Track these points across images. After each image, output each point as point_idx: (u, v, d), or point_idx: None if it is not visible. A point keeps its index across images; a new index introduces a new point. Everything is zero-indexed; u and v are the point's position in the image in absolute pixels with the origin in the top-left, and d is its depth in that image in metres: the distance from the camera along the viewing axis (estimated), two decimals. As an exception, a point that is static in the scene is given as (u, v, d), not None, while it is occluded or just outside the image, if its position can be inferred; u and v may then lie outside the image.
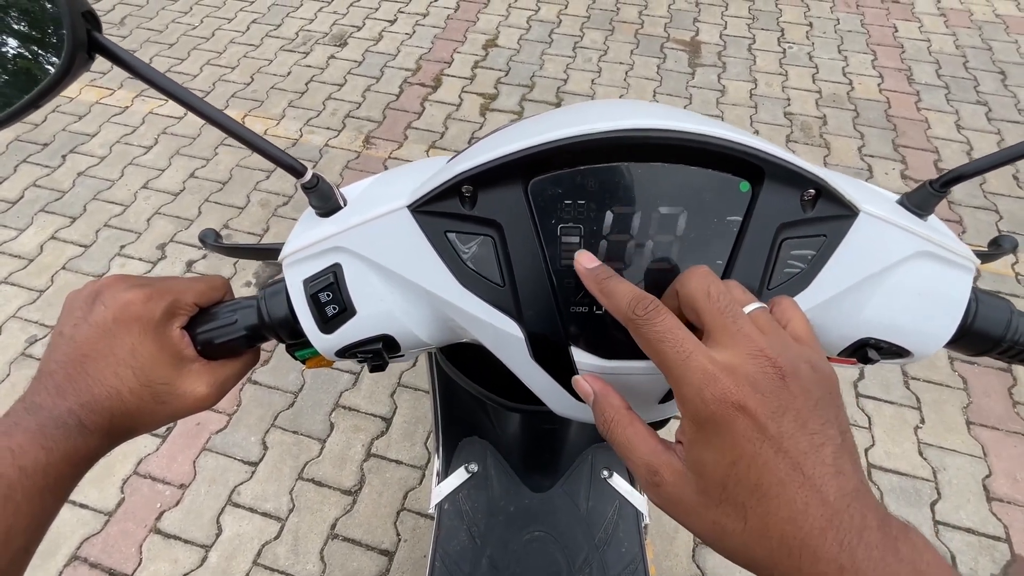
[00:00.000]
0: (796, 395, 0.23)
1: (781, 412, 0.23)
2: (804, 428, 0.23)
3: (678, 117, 0.31)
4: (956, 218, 1.95)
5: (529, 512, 0.59)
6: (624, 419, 0.27)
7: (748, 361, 0.24)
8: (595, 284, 0.29)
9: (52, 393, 0.31)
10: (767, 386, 0.23)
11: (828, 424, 0.23)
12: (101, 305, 0.32)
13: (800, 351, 0.25)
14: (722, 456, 0.23)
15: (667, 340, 0.25)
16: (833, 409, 0.24)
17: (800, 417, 0.23)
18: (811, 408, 0.23)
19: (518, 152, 0.30)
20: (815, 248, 0.32)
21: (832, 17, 2.88)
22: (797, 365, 0.24)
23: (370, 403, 1.53)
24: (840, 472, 0.22)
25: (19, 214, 1.98)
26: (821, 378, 0.24)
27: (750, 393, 0.23)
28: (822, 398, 0.24)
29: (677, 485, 0.24)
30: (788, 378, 0.23)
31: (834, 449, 0.23)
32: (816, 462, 0.22)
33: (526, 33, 2.77)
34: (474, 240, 0.32)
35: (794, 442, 0.22)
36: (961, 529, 1.30)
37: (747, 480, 0.23)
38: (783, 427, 0.23)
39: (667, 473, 0.25)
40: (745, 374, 0.23)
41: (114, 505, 1.35)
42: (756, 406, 0.23)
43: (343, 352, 0.35)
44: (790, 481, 0.22)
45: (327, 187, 0.35)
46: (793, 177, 0.31)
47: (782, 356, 0.24)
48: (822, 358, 0.26)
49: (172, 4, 2.93)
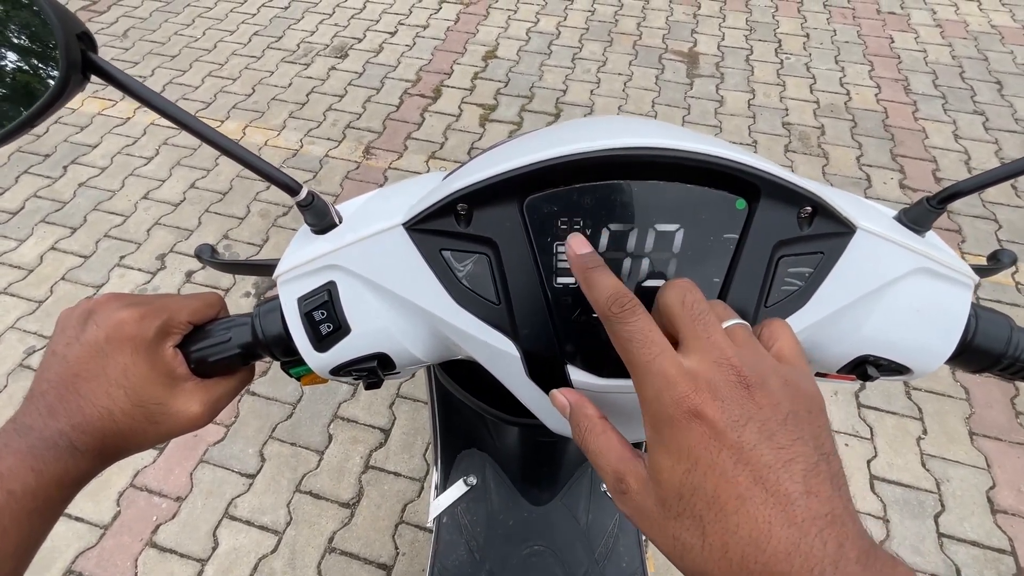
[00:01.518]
0: (762, 406, 0.22)
1: (743, 422, 0.22)
2: (770, 440, 0.21)
3: (674, 135, 0.31)
4: (955, 227, 1.95)
5: (528, 526, 0.58)
6: (597, 427, 0.27)
7: (712, 368, 0.23)
8: (580, 271, 0.29)
9: (43, 414, 0.30)
10: (728, 394, 0.22)
11: (801, 441, 0.22)
12: (94, 324, 0.32)
13: (775, 366, 0.24)
14: (678, 462, 0.22)
15: (635, 340, 0.25)
16: (809, 427, 0.22)
17: (766, 429, 0.22)
18: (779, 421, 0.22)
19: (514, 170, 0.30)
20: (812, 266, 0.32)
21: (829, 28, 2.90)
22: (767, 377, 0.23)
23: (368, 414, 1.52)
24: (811, 493, 0.21)
25: (20, 225, 1.99)
26: (795, 394, 0.23)
27: (708, 399, 0.22)
28: (794, 413, 0.22)
29: (641, 493, 0.24)
30: (753, 388, 0.23)
31: (806, 467, 0.21)
32: (783, 478, 0.21)
33: (525, 45, 2.79)
34: (469, 258, 0.32)
35: (756, 453, 0.21)
36: (966, 542, 1.28)
37: (703, 490, 0.21)
38: (744, 437, 0.21)
39: (632, 480, 0.24)
40: (707, 380, 0.23)
41: (110, 518, 1.34)
42: (714, 413, 0.22)
43: (338, 370, 0.35)
44: (751, 496, 0.21)
45: (322, 204, 0.35)
46: (789, 194, 0.31)
47: (749, 367, 0.23)
48: (804, 377, 0.25)
49: (175, 16, 2.96)
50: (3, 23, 0.29)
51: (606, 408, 0.33)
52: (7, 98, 0.28)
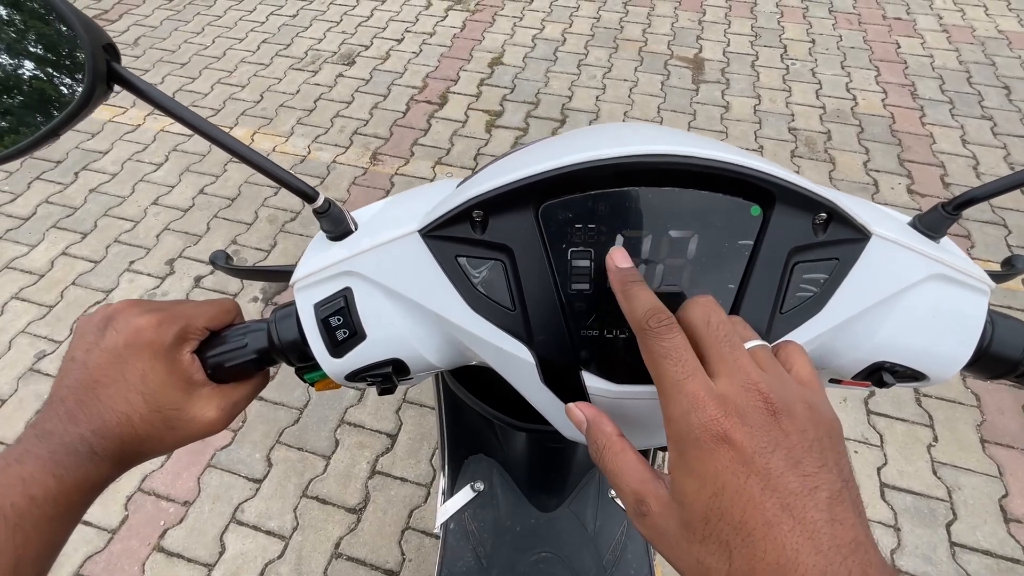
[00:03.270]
0: (789, 433, 0.22)
1: (771, 448, 0.22)
2: (796, 468, 0.22)
3: (687, 142, 0.31)
4: (964, 233, 1.94)
5: (536, 532, 0.58)
6: (615, 446, 0.27)
7: (740, 393, 0.23)
8: (620, 284, 0.29)
9: (63, 419, 0.31)
10: (757, 420, 0.23)
11: (826, 468, 0.22)
12: (113, 331, 0.33)
13: (799, 391, 0.24)
14: (703, 486, 0.22)
15: (670, 358, 0.25)
16: (833, 454, 0.23)
17: (792, 456, 0.22)
18: (805, 448, 0.22)
19: (530, 177, 0.30)
20: (828, 272, 0.32)
21: (835, 34, 2.90)
22: (792, 404, 0.23)
23: (375, 419, 1.52)
24: (836, 520, 0.21)
25: (31, 230, 2.01)
26: (819, 420, 0.23)
27: (737, 425, 0.22)
28: (819, 440, 0.23)
29: (663, 516, 0.24)
30: (780, 415, 0.23)
31: (830, 495, 0.21)
32: (809, 506, 0.21)
33: (531, 51, 2.81)
34: (485, 264, 0.32)
35: (784, 481, 0.21)
36: (979, 551, 1.27)
37: (730, 515, 0.21)
38: (772, 464, 0.22)
39: (654, 503, 0.24)
40: (735, 405, 0.23)
41: (118, 523, 1.34)
42: (742, 439, 0.22)
43: (353, 376, 0.35)
44: (778, 523, 0.21)
45: (338, 212, 0.36)
46: (804, 201, 0.31)
47: (776, 393, 0.23)
48: (824, 402, 0.25)
49: (185, 25, 3.00)
50: (27, 34, 0.29)
51: (619, 417, 0.33)
52: (32, 108, 0.28)
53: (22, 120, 0.28)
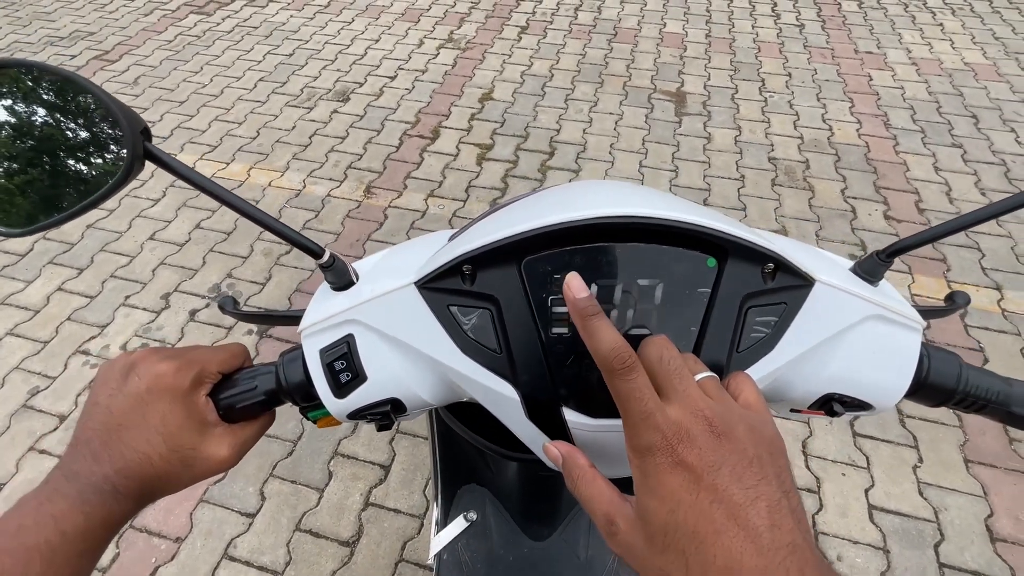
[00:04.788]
0: (731, 452, 0.26)
1: (717, 466, 0.25)
2: (739, 482, 0.25)
3: (652, 202, 0.36)
4: (940, 257, 2.01)
5: (529, 561, 0.60)
6: (588, 476, 0.30)
7: (689, 418, 0.27)
8: (580, 318, 0.30)
9: (89, 460, 0.33)
10: (703, 442, 0.26)
11: (765, 481, 0.25)
12: (136, 376, 0.36)
13: (741, 414, 0.28)
14: (663, 503, 0.25)
15: (634, 396, 0.28)
16: (772, 468, 0.26)
17: (735, 472, 0.25)
18: (746, 465, 0.25)
19: (513, 236, 0.35)
20: (777, 315, 0.36)
21: (809, 67, 3.04)
22: (734, 426, 0.27)
23: (368, 451, 1.53)
24: (776, 526, 0.24)
25: (28, 266, 2.03)
26: (759, 439, 0.27)
27: (688, 448, 0.26)
28: (759, 457, 0.26)
29: (630, 533, 0.27)
30: (723, 436, 0.26)
31: (769, 504, 0.24)
32: (751, 514, 0.24)
33: (520, 87, 2.91)
34: (474, 312, 0.36)
35: (729, 494, 0.24)
36: (967, 572, 1.28)
37: (685, 527, 0.24)
38: (718, 480, 0.25)
39: (622, 521, 0.27)
40: (686, 430, 0.26)
41: (109, 561, 1.33)
42: (693, 459, 0.25)
43: (354, 415, 0.39)
44: (725, 530, 0.24)
45: (342, 265, 0.40)
46: (753, 254, 0.35)
47: (719, 417, 0.27)
48: (766, 423, 0.28)
49: (184, 64, 3.09)
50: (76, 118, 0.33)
51: (596, 447, 0.36)
52: (78, 182, 0.32)
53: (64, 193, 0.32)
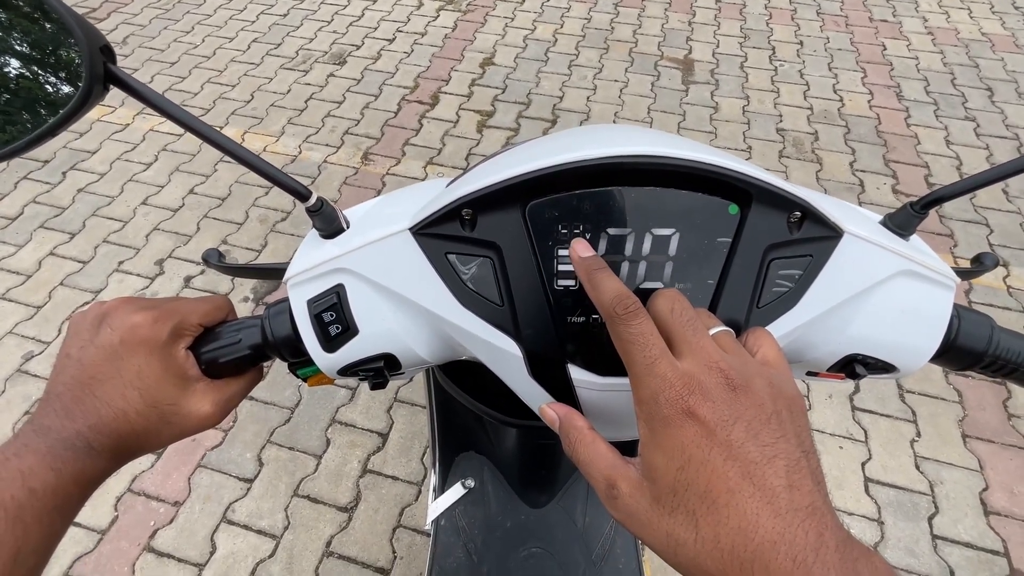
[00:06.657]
0: (747, 407, 0.24)
1: (731, 421, 0.23)
2: (756, 439, 0.23)
3: (670, 143, 0.32)
4: (947, 232, 1.98)
5: (526, 528, 0.59)
6: (586, 438, 0.28)
7: (703, 371, 0.25)
8: (585, 273, 0.30)
9: (60, 415, 0.31)
10: (718, 395, 0.24)
11: (784, 439, 0.23)
12: (108, 328, 0.33)
13: (759, 369, 0.26)
14: (671, 460, 0.23)
15: (637, 343, 0.26)
16: (792, 426, 0.24)
17: (751, 428, 0.23)
18: (763, 421, 0.24)
19: (517, 177, 0.31)
20: (802, 268, 0.33)
21: (822, 36, 2.94)
22: (751, 380, 0.25)
23: (366, 418, 1.53)
24: (794, 487, 0.22)
25: (18, 230, 1.99)
26: (778, 395, 0.25)
27: (701, 400, 0.24)
28: (777, 413, 0.24)
29: (633, 496, 0.25)
30: (739, 390, 0.24)
31: (788, 463, 0.23)
32: (768, 473, 0.22)
33: (522, 52, 2.82)
34: (474, 261, 0.33)
35: (744, 451, 0.23)
36: (960, 543, 1.29)
37: (696, 485, 0.23)
38: (732, 435, 0.23)
39: (624, 484, 0.25)
40: (699, 383, 0.24)
41: (107, 523, 1.33)
42: (706, 413, 0.23)
43: (345, 370, 0.36)
44: (739, 490, 0.22)
45: (331, 210, 0.37)
46: (779, 200, 0.32)
47: (736, 370, 0.25)
48: (786, 380, 0.26)
49: (174, 24, 2.98)
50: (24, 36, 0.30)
51: (603, 408, 0.34)
52: (27, 108, 0.29)
53: (11, 120, 0.29)
